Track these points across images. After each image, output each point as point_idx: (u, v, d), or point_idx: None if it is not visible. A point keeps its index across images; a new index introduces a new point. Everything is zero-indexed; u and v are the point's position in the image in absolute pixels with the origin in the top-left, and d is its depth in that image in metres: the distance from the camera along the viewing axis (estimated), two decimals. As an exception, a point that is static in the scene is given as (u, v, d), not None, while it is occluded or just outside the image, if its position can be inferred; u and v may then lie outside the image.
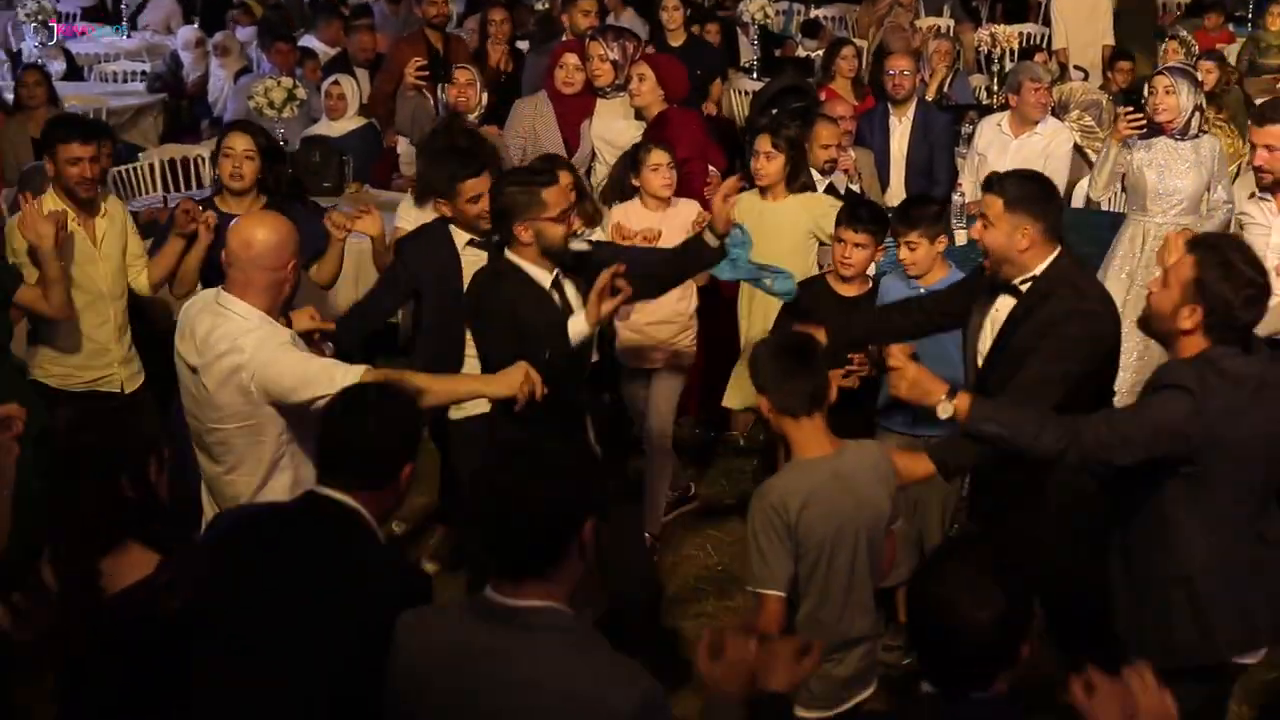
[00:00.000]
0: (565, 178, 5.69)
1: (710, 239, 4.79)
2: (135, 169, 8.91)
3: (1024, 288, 4.30)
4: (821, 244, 6.27)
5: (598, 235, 6.17)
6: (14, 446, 3.57)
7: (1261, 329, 3.90)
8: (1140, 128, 6.48)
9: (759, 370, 3.86)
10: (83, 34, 13.64)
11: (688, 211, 6.25)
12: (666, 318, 6.17)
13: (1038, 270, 4.27)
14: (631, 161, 6.33)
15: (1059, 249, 4.30)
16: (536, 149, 7.20)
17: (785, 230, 6.21)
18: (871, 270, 5.86)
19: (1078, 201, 8.02)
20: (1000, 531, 4.40)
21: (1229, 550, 3.77)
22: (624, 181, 6.40)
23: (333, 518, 3.11)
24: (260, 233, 4.07)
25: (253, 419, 4.00)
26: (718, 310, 6.63)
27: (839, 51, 9.46)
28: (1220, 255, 3.70)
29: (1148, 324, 3.91)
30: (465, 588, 4.91)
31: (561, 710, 2.63)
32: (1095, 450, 3.77)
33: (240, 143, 5.71)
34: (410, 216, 6.08)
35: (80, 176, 5.42)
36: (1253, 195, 5.61)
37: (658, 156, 6.21)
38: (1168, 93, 6.46)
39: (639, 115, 7.17)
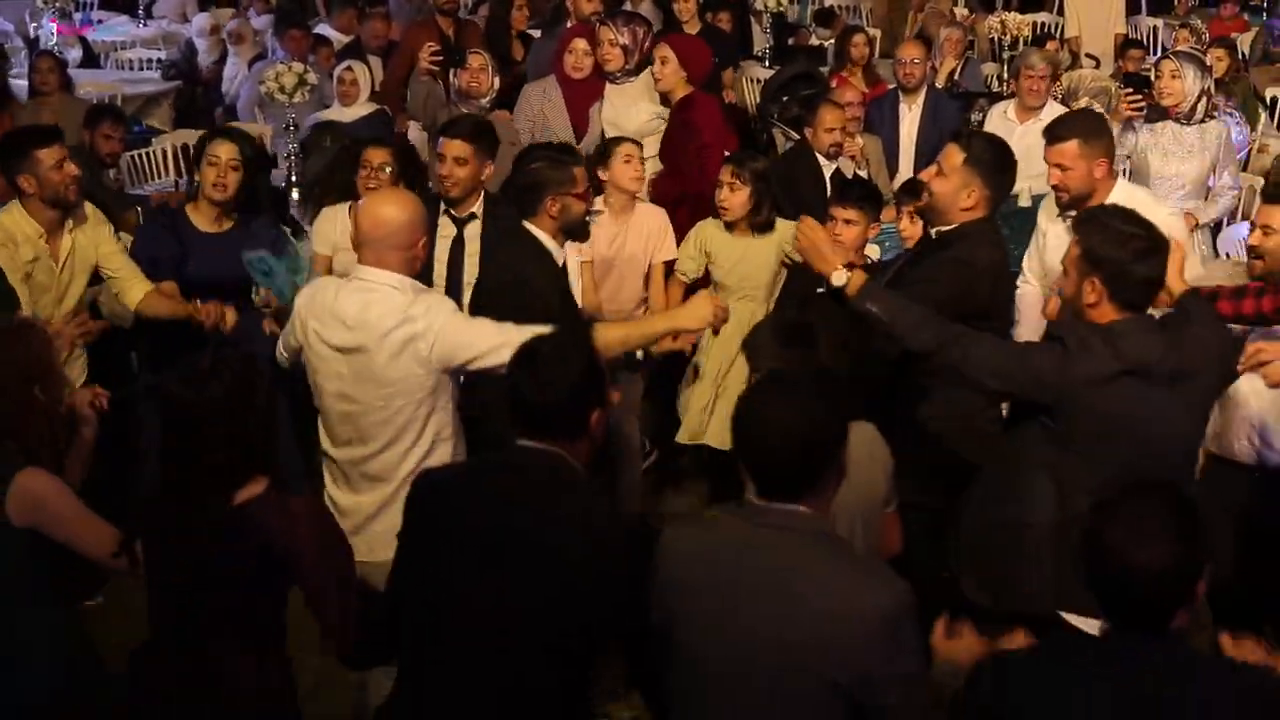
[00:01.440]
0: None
1: None
2: (149, 154, 8.97)
3: (935, 235, 4.48)
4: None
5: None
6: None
7: None
8: (1140, 109, 6.47)
9: (758, 348, 3.88)
10: (100, 23, 13.72)
11: (651, 221, 6.21)
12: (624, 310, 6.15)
13: (957, 223, 4.42)
14: (600, 154, 6.23)
15: (986, 216, 4.47)
16: (545, 133, 7.23)
17: (757, 267, 6.06)
18: (876, 253, 5.90)
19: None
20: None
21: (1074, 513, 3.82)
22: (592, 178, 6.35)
23: (536, 466, 3.13)
24: (391, 211, 3.99)
25: (425, 388, 3.96)
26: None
27: (850, 39, 9.47)
28: (1097, 222, 3.79)
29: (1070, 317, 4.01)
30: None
31: (822, 602, 2.76)
32: (968, 365, 3.89)
33: (225, 151, 5.46)
34: (323, 235, 5.93)
35: (69, 177, 5.15)
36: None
37: (630, 149, 6.14)
38: (1173, 77, 6.45)
39: (663, 99, 7.15)
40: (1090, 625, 3.70)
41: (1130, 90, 6.62)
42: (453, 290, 5.31)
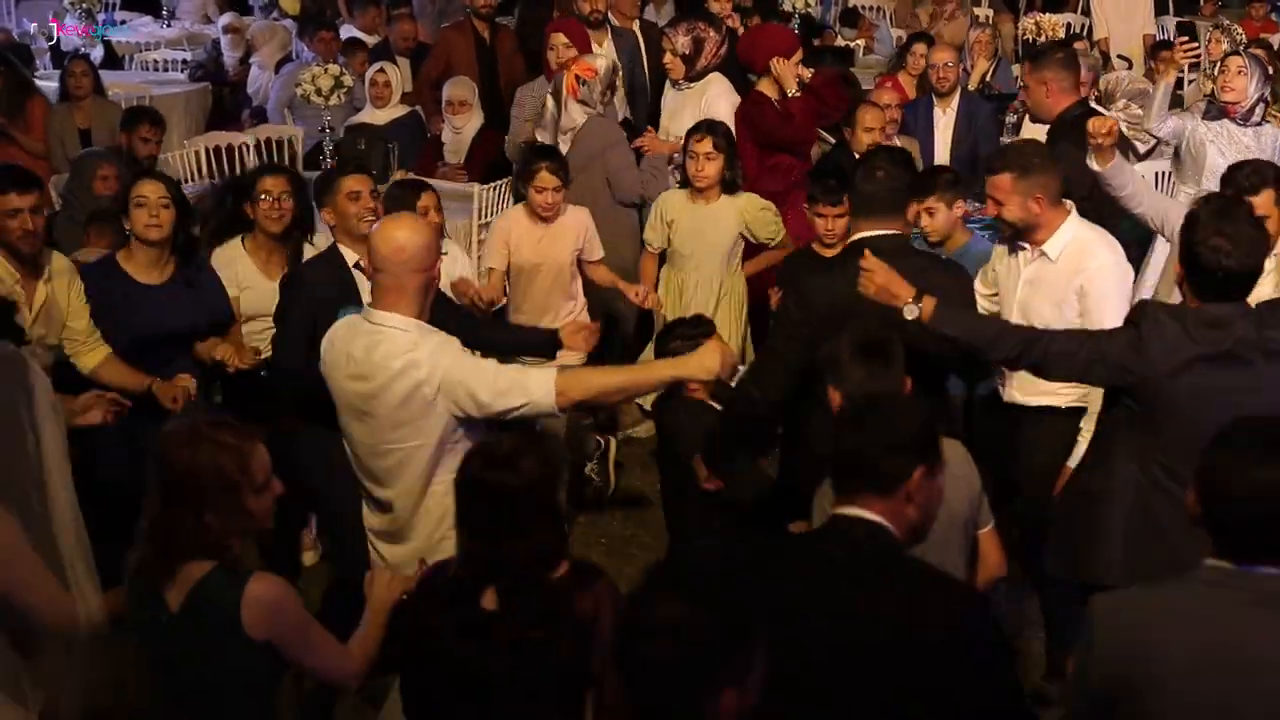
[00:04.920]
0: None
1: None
2: (181, 156, 8.96)
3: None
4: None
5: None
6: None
7: None
8: (1195, 56, 6.47)
9: (837, 365, 3.83)
10: (122, 23, 13.70)
11: (574, 223, 6.23)
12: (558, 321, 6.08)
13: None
14: (523, 169, 6.21)
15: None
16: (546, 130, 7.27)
17: (719, 232, 6.23)
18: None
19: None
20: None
21: (1140, 491, 3.90)
22: (516, 188, 6.32)
23: (859, 537, 2.91)
24: (408, 235, 3.89)
25: (437, 430, 3.84)
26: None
27: (911, 48, 9.39)
28: (1190, 217, 3.86)
29: None
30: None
31: None
32: (1050, 363, 4.00)
33: (153, 190, 5.12)
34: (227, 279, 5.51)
35: (22, 230, 4.80)
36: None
37: (545, 179, 6.09)
38: (1239, 73, 6.46)
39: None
40: None
41: (1185, 39, 6.63)
42: None
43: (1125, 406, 3.94)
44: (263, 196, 5.50)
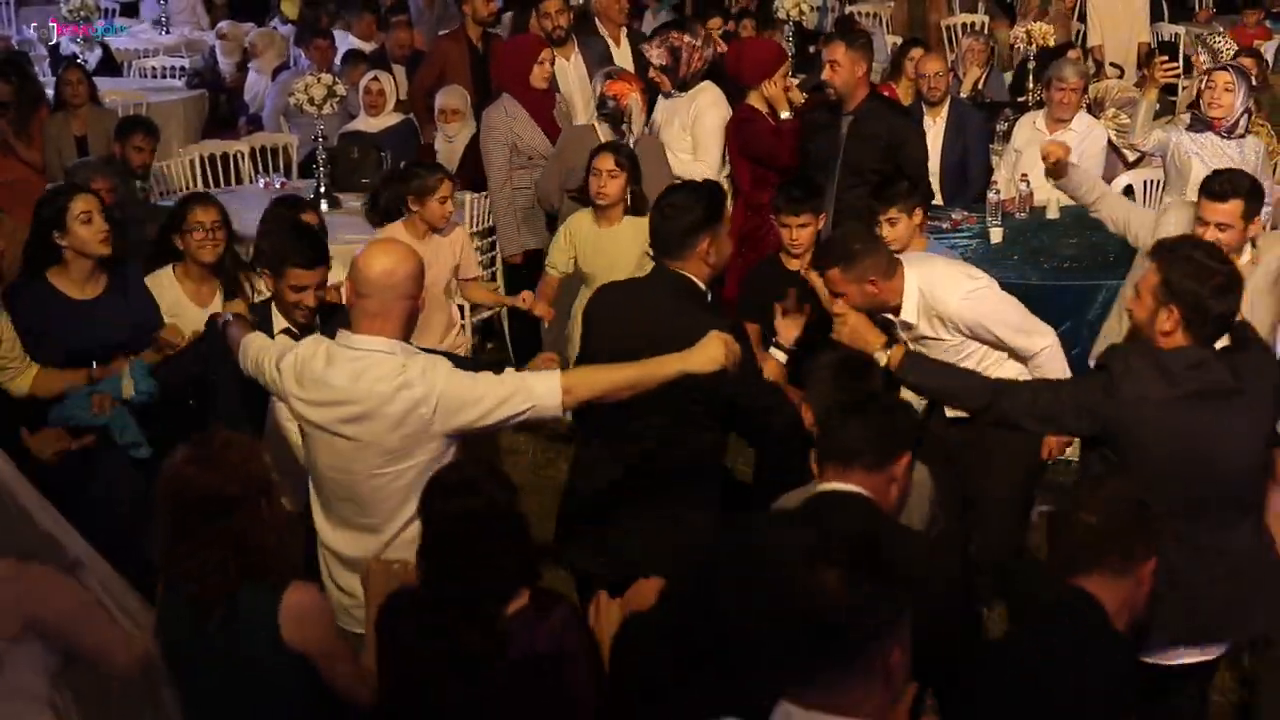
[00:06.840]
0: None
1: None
2: (176, 164, 9.00)
3: None
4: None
5: None
6: None
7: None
8: (1176, 75, 6.49)
9: (818, 390, 3.84)
10: (122, 29, 13.76)
11: (451, 238, 6.26)
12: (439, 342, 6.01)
13: None
14: (417, 186, 6.15)
15: None
16: (525, 148, 7.36)
17: (621, 255, 6.13)
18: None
19: (1114, 199, 8.02)
20: None
21: None
22: (400, 198, 6.29)
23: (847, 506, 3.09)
24: (399, 260, 3.77)
25: (430, 453, 3.72)
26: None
27: (908, 52, 9.40)
28: (1182, 253, 3.78)
29: (1135, 338, 4.03)
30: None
31: None
32: (1011, 417, 3.96)
33: (94, 204, 5.08)
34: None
35: None
36: None
37: (448, 188, 6.13)
38: (1227, 89, 6.47)
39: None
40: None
41: (1166, 58, 6.67)
42: None
43: (1104, 458, 3.86)
44: (195, 229, 5.38)
